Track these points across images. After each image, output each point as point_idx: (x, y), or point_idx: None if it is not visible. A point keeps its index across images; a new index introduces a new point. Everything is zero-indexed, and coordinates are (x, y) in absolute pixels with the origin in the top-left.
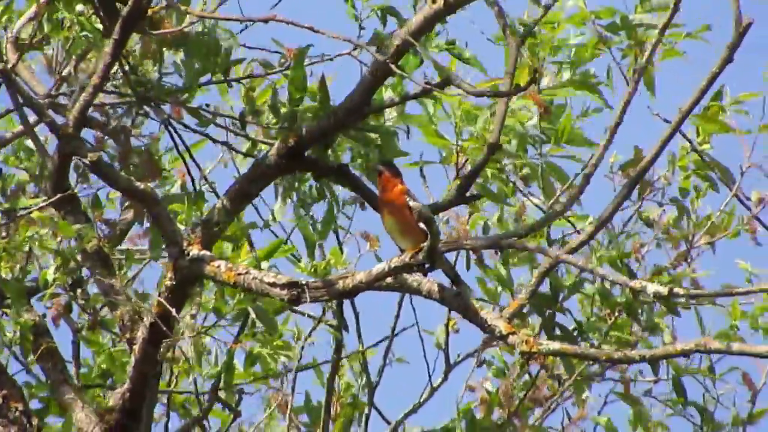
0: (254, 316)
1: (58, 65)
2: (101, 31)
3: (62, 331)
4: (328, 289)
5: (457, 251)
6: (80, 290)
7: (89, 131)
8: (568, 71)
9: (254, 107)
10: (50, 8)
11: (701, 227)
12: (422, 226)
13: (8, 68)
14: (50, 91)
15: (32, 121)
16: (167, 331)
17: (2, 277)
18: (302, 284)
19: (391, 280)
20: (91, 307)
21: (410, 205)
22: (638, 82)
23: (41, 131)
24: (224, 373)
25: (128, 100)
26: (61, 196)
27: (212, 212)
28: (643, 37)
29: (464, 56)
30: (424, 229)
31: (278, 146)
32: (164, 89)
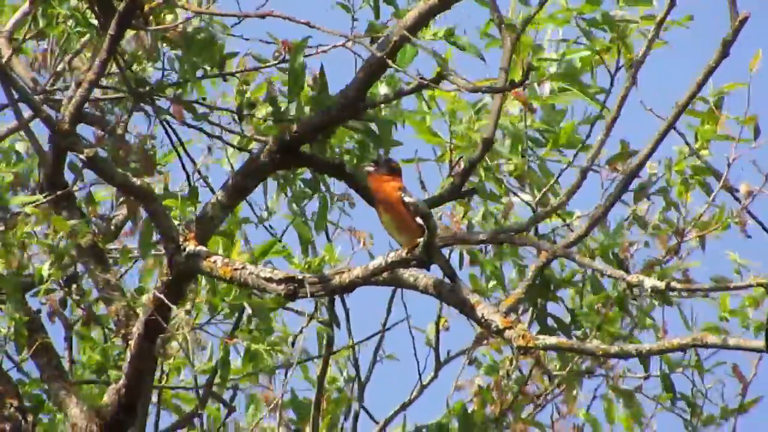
0: (250, 311)
1: (53, 60)
2: (96, 26)
3: (56, 326)
4: (324, 284)
5: (451, 247)
6: (75, 286)
7: (85, 127)
8: (553, 66)
9: (249, 100)
10: (45, 4)
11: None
12: (419, 221)
13: (2, 63)
14: (45, 86)
15: (27, 116)
16: (165, 325)
17: None
18: (299, 279)
19: (387, 275)
20: (85, 302)
21: (405, 200)
22: (635, 76)
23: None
24: (220, 368)
25: (123, 95)
26: (59, 193)
27: (207, 207)
28: (625, 31)
29: (460, 44)
30: (420, 224)
31: (273, 141)
32: (161, 85)
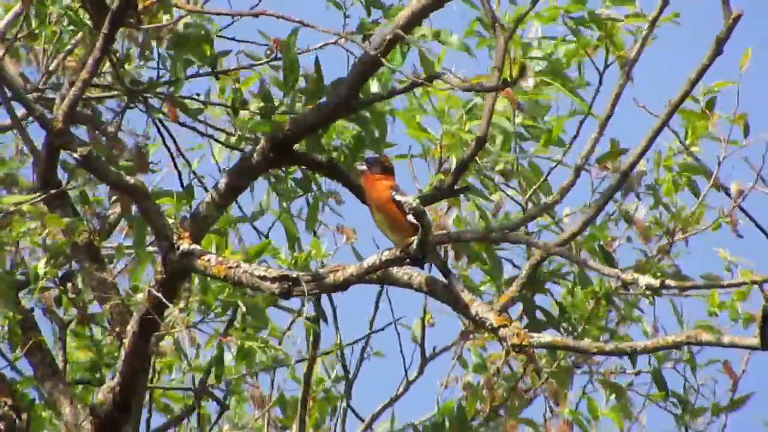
0: (244, 310)
1: (45, 59)
2: (89, 25)
3: (49, 325)
4: (319, 282)
5: (444, 245)
6: (71, 284)
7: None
8: (540, 65)
9: (242, 97)
10: (37, 3)
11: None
12: (413, 219)
13: None
14: (37, 84)
15: (20, 115)
16: (160, 322)
17: None
18: (294, 278)
19: (381, 273)
20: (80, 301)
21: (397, 199)
22: (629, 74)
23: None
24: (215, 366)
25: (117, 94)
26: (53, 192)
27: (201, 206)
28: (612, 29)
29: (450, 42)
30: (413, 222)
31: (266, 140)
32: (154, 83)
